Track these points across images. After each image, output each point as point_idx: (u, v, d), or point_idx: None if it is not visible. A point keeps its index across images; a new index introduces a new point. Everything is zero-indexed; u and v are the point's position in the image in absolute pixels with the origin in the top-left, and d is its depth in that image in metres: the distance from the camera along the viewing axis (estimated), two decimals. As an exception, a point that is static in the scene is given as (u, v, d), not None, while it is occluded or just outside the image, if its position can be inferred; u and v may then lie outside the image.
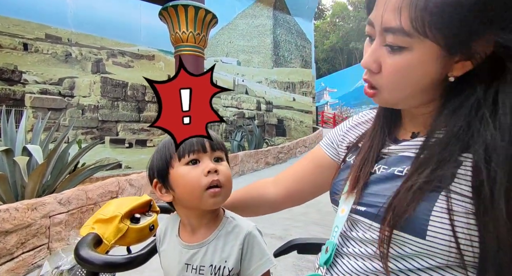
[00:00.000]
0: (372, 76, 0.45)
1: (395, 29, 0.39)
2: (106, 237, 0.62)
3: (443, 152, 0.40)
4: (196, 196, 0.52)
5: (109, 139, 6.68)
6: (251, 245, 0.53)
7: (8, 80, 5.26)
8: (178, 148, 0.48)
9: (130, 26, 7.04)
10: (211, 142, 0.54)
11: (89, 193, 2.71)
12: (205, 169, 0.52)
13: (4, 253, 1.79)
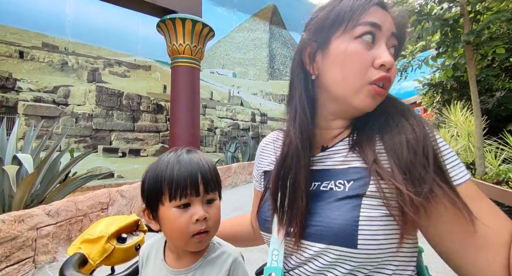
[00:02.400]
0: (388, 72, 0.45)
1: (400, 37, 0.48)
2: (92, 257, 0.63)
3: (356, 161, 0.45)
4: (182, 240, 0.52)
5: (102, 148, 6.61)
6: (236, 272, 0.54)
7: (1, 88, 5.23)
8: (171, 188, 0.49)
9: (128, 36, 7.12)
10: (205, 182, 0.52)
11: (79, 205, 2.66)
12: (194, 216, 0.51)
13: (-13, 267, 1.74)
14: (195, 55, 5.72)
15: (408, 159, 0.40)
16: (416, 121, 0.44)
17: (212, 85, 9.34)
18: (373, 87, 0.44)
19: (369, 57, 0.45)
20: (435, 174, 0.39)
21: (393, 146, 0.42)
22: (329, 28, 0.47)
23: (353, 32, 0.45)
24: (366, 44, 0.45)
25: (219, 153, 9.21)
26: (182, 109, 5.64)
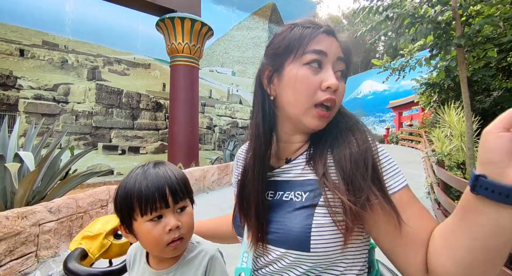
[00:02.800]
0: (334, 94, 0.51)
1: (347, 61, 0.55)
2: (92, 252, 0.70)
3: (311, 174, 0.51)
4: (157, 250, 0.56)
5: (102, 146, 6.69)
6: (213, 267, 0.60)
7: (2, 85, 5.29)
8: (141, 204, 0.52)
9: (127, 35, 7.17)
10: (173, 194, 0.55)
11: (79, 202, 2.74)
12: (167, 227, 0.54)
13: (-8, 261, 1.82)
14: (194, 54, 5.78)
15: (351, 171, 0.47)
16: (361, 135, 0.50)
17: (211, 83, 9.39)
18: (317, 111, 0.50)
19: (316, 81, 0.50)
20: (373, 184, 0.45)
21: (340, 159, 0.49)
22: (282, 55, 0.53)
23: (302, 59, 0.51)
24: (313, 70, 0.50)
25: (217, 151, 9.28)
26: (181, 107, 5.71)
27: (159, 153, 7.60)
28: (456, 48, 3.14)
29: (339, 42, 0.53)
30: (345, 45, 0.54)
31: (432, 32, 3.28)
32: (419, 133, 11.24)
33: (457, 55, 3.24)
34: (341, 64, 0.53)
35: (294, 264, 0.50)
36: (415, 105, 11.22)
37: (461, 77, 3.29)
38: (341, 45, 0.54)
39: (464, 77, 3.26)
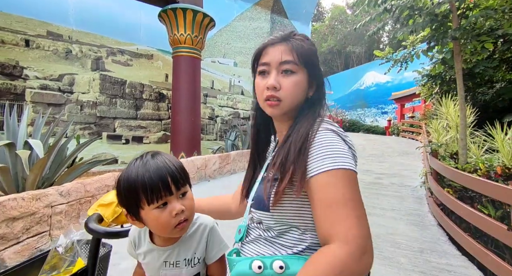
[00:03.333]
0: (276, 92, 0.68)
1: (290, 61, 0.68)
2: (106, 216, 0.84)
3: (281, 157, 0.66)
4: (166, 232, 0.64)
5: (107, 135, 6.85)
6: (212, 236, 0.72)
7: (9, 75, 5.41)
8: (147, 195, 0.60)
9: (130, 26, 7.20)
10: (175, 182, 0.63)
11: (87, 186, 2.90)
12: (173, 212, 0.61)
13: (11, 237, 1.99)
14: (196, 45, 5.84)
15: (285, 155, 0.63)
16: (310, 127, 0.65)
17: (213, 74, 9.44)
18: (267, 102, 0.69)
19: (263, 84, 0.69)
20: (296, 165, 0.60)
21: (286, 144, 0.65)
22: (252, 68, 0.75)
23: (257, 70, 0.72)
24: (262, 77, 0.70)
25: (219, 141, 9.42)
26: (183, 98, 5.81)
27: (162, 143, 7.75)
28: (452, 40, 3.19)
29: (286, 46, 0.69)
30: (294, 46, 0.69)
31: (430, 24, 3.33)
32: (419, 125, 11.28)
33: (453, 47, 3.29)
34: (286, 65, 0.68)
35: (262, 221, 0.68)
36: (417, 97, 11.19)
37: (456, 69, 3.35)
38: (290, 47, 0.69)
39: (459, 69, 3.32)
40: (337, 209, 0.53)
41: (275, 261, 0.59)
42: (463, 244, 2.45)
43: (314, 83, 0.72)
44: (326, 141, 0.60)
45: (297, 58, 0.68)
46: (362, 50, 29.23)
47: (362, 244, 0.50)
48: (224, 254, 0.74)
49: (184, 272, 0.70)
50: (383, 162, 7.11)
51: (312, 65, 0.70)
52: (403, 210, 3.73)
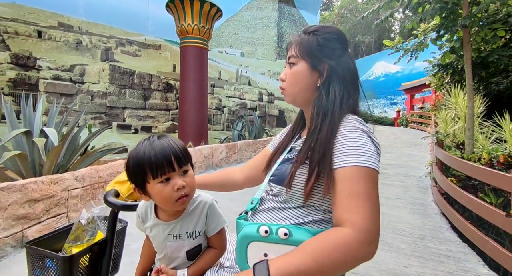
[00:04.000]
0: (282, 83, 0.81)
1: (292, 55, 0.79)
2: (122, 192, 0.93)
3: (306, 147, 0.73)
4: (169, 205, 0.73)
5: (116, 125, 7.02)
6: (211, 212, 0.80)
7: (23, 66, 5.57)
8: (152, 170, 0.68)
9: (138, 16, 7.24)
10: (178, 160, 0.70)
11: (100, 172, 3.04)
12: (175, 187, 0.69)
13: (33, 217, 2.14)
14: (203, 35, 5.85)
15: (312, 147, 0.70)
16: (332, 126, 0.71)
17: (220, 64, 9.45)
18: (281, 91, 0.83)
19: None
20: (322, 157, 0.66)
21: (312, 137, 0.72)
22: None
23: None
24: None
25: (226, 131, 9.52)
26: (191, 88, 5.88)
27: (170, 133, 7.90)
28: (461, 28, 3.13)
29: (294, 43, 0.79)
30: (297, 40, 0.79)
31: (439, 12, 3.27)
32: (429, 116, 11.11)
33: (463, 36, 3.24)
34: (290, 59, 0.79)
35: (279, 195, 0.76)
36: (427, 87, 10.98)
37: (465, 58, 3.30)
38: (295, 43, 0.79)
39: (468, 58, 3.27)
40: (355, 201, 0.59)
41: (280, 228, 0.66)
42: (464, 231, 2.50)
43: (319, 72, 0.76)
44: (356, 139, 0.66)
45: (298, 51, 0.77)
46: (371, 40, 28.53)
47: (371, 236, 0.56)
48: (223, 228, 0.83)
49: (186, 244, 0.79)
50: (389, 153, 7.10)
51: (312, 55, 0.76)
52: (407, 199, 3.77)
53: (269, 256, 0.65)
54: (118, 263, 1.04)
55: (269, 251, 0.66)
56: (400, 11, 3.62)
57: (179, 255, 0.80)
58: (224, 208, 0.89)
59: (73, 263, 0.81)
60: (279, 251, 0.64)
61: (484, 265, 2.21)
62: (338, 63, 0.76)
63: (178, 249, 0.79)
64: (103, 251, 0.92)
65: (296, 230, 0.66)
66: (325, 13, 33.69)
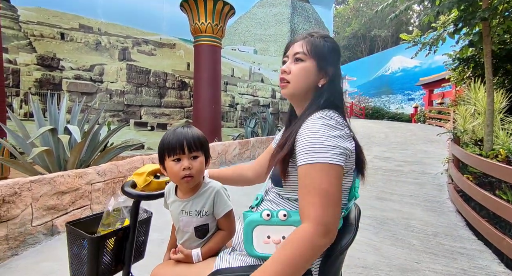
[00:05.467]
0: (286, 75, 0.85)
1: (300, 52, 0.84)
2: (139, 184, 1.03)
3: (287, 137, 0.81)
4: (176, 181, 0.89)
5: (134, 122, 7.27)
6: (218, 197, 0.92)
7: (48, 67, 5.88)
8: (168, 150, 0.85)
9: (153, 16, 7.43)
10: (189, 145, 0.86)
11: (119, 168, 3.20)
12: (182, 166, 0.85)
13: (61, 208, 2.30)
14: (216, 34, 5.94)
15: (283, 142, 0.79)
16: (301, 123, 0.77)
17: (233, 62, 9.52)
18: (280, 84, 0.88)
19: (281, 69, 0.88)
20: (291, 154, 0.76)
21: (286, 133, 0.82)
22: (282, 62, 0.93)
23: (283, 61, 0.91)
24: (284, 65, 0.89)
25: (239, 128, 9.62)
26: (204, 86, 6.00)
27: (185, 130, 8.05)
28: (481, 21, 3.03)
29: (302, 42, 0.85)
30: (308, 41, 0.85)
31: (457, 4, 3.17)
32: (448, 112, 10.74)
33: (483, 29, 3.13)
34: (297, 55, 0.84)
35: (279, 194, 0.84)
36: (446, 82, 10.60)
37: (485, 52, 3.20)
38: (304, 42, 0.85)
39: (488, 51, 3.16)
40: (309, 197, 0.65)
41: (280, 211, 0.75)
42: (479, 229, 2.46)
43: (325, 74, 0.84)
44: (311, 136, 0.71)
45: (307, 50, 0.83)
46: (388, 34, 27.71)
47: (325, 228, 0.62)
48: (229, 211, 0.93)
49: (194, 220, 0.92)
50: (405, 150, 6.96)
51: (322, 58, 0.83)
52: (421, 196, 3.72)
53: (272, 238, 0.74)
54: (143, 250, 1.15)
55: (271, 233, 0.75)
56: (417, 3, 3.53)
57: (189, 230, 0.92)
58: (237, 201, 0.96)
59: (99, 243, 0.91)
60: (281, 233, 0.73)
61: (500, 263, 2.17)
62: (337, 69, 0.86)
63: (188, 224, 0.92)
64: (127, 236, 1.02)
65: (293, 212, 0.75)
66: (340, 7, 32.99)
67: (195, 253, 0.90)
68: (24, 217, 2.02)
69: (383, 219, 2.93)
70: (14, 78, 5.53)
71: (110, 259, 0.98)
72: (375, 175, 4.76)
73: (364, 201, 3.49)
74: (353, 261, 2.04)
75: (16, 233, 1.97)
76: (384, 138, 8.78)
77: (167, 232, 1.08)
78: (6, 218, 1.91)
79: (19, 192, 1.99)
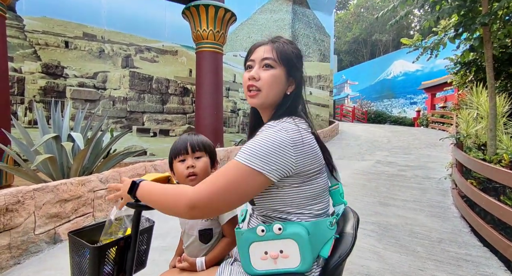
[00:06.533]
0: (256, 82, 0.81)
1: (270, 57, 0.80)
2: None
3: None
4: (182, 181, 0.96)
5: (136, 128, 7.31)
6: None
7: (52, 74, 5.97)
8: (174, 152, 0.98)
9: (156, 24, 7.53)
10: (192, 146, 0.97)
11: (122, 175, 3.21)
12: (186, 166, 0.94)
13: (64, 216, 2.31)
14: (218, 40, 6.00)
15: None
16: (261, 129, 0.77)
17: (235, 68, 9.59)
18: (248, 93, 0.82)
19: (247, 76, 0.82)
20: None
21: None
22: (244, 65, 0.88)
23: (246, 66, 0.87)
24: (248, 70, 0.83)
25: (241, 133, 9.64)
26: (206, 92, 6.03)
27: (187, 136, 8.06)
28: (481, 26, 3.04)
29: (270, 46, 0.83)
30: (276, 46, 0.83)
31: (457, 10, 3.19)
32: (451, 116, 10.69)
33: (483, 34, 3.14)
34: (266, 61, 0.81)
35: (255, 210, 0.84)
36: (449, 86, 10.57)
37: (486, 56, 3.20)
38: (272, 47, 0.82)
39: (489, 56, 3.16)
40: (214, 177, 0.69)
41: (275, 225, 0.73)
42: (485, 235, 2.42)
43: (293, 81, 0.83)
44: (255, 140, 0.72)
45: (277, 56, 0.80)
46: (389, 38, 27.82)
47: (193, 203, 0.66)
48: (234, 217, 0.95)
49: (199, 223, 0.97)
50: (408, 154, 6.92)
51: (291, 64, 0.82)
52: (425, 201, 3.68)
53: (270, 253, 0.73)
54: (145, 259, 1.15)
55: (268, 248, 0.73)
56: (418, 9, 3.55)
57: (193, 233, 0.97)
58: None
59: (100, 253, 0.91)
60: (277, 247, 0.72)
61: (506, 270, 2.14)
62: (302, 76, 0.85)
63: (193, 227, 0.97)
64: (128, 245, 1.02)
65: (287, 225, 0.73)
66: (341, 12, 33.25)
67: (199, 262, 0.91)
68: (27, 225, 2.03)
69: (386, 225, 2.90)
70: (19, 86, 5.61)
71: (111, 269, 0.98)
72: (377, 180, 4.73)
73: (367, 206, 3.47)
74: (356, 269, 2.02)
75: (19, 241, 1.98)
76: (386, 143, 8.74)
77: (169, 239, 1.09)
78: (9, 226, 1.92)
79: (22, 200, 2.00)
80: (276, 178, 0.69)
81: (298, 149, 0.71)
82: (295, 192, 0.75)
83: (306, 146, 0.73)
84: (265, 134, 0.72)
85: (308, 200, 0.76)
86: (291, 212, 0.76)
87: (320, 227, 0.75)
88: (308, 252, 0.71)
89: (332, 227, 0.78)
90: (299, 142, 0.72)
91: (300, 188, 0.74)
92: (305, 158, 0.72)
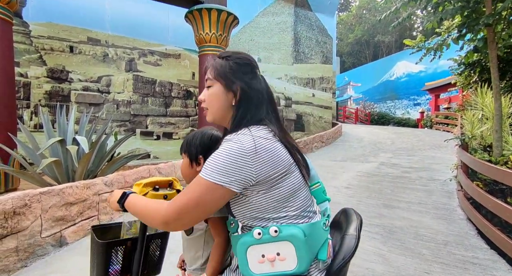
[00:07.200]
0: (203, 103, 0.89)
1: (208, 78, 0.87)
2: (138, 193, 1.06)
3: None
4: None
5: (140, 132, 7.36)
6: None
7: (57, 79, 6.04)
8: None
9: (159, 27, 7.59)
10: (181, 148, 1.08)
11: (126, 178, 3.23)
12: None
13: (69, 219, 2.33)
14: (220, 43, 6.03)
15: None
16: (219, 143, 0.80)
17: (238, 70, 9.62)
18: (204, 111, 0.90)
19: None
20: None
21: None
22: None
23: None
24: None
25: (245, 136, 9.63)
26: (210, 95, 6.05)
27: (190, 138, 8.08)
28: (485, 27, 3.02)
29: (210, 68, 0.88)
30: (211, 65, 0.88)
31: (460, 11, 3.18)
32: (455, 117, 10.62)
33: (487, 35, 3.12)
34: (207, 82, 0.88)
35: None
36: (453, 87, 10.51)
37: (490, 57, 3.18)
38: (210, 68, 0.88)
39: (493, 57, 3.14)
40: (183, 193, 0.74)
41: (271, 227, 0.74)
42: (492, 238, 2.40)
43: (233, 92, 0.84)
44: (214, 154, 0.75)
45: (213, 74, 0.86)
46: (392, 39, 27.76)
47: (166, 220, 0.73)
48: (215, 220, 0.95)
49: None
50: (412, 156, 6.87)
51: (225, 78, 0.85)
52: (430, 204, 3.65)
53: (267, 256, 0.74)
54: (159, 265, 1.15)
55: (265, 251, 0.74)
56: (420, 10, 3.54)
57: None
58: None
59: (105, 249, 0.93)
60: (274, 250, 0.73)
61: (514, 273, 2.11)
62: (248, 85, 0.84)
63: None
64: (136, 247, 1.03)
65: (284, 227, 0.74)
66: (343, 14, 33.28)
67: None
68: (34, 228, 2.05)
69: (391, 228, 2.88)
70: (25, 90, 5.69)
71: (119, 269, 1.00)
72: (381, 182, 4.70)
73: (371, 209, 3.45)
74: (361, 272, 2.00)
75: (26, 244, 2.00)
76: (390, 144, 8.69)
77: (173, 241, 1.09)
78: (17, 229, 1.94)
79: (29, 203, 2.02)
80: (238, 188, 0.72)
81: (255, 157, 0.72)
82: (266, 198, 0.75)
83: (263, 153, 0.73)
84: (222, 147, 0.75)
85: (281, 203, 0.77)
86: (269, 217, 0.77)
87: (316, 228, 0.77)
88: (305, 254, 0.72)
89: (326, 228, 0.80)
90: (253, 151, 0.72)
91: (269, 193, 0.75)
92: (264, 165, 0.72)
